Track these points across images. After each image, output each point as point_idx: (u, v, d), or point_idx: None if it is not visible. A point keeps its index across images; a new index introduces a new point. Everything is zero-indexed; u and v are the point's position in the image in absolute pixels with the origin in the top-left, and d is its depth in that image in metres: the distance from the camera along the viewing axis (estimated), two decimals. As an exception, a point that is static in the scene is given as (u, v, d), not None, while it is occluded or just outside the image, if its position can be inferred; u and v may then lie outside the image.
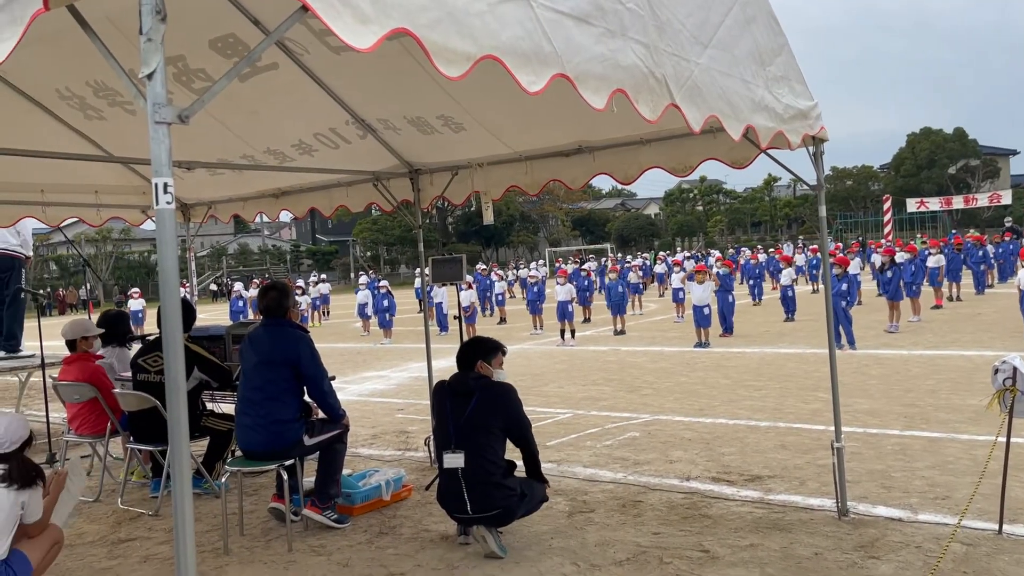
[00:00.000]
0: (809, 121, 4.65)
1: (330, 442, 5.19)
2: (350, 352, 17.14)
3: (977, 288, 21.11)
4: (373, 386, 11.96)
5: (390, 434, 8.24)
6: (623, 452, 6.86)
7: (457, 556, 4.57)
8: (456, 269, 6.30)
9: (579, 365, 12.78)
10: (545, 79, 2.78)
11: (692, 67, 3.62)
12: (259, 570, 4.53)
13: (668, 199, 70.97)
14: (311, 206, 7.27)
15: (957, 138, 54.99)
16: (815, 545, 4.42)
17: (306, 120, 5.69)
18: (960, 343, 12.39)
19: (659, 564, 4.29)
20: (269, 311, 5.17)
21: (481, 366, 4.66)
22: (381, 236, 61.89)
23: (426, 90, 4.90)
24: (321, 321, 26.93)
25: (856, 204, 58.04)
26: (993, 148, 60.73)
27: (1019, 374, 4.43)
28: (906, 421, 7.41)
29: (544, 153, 5.88)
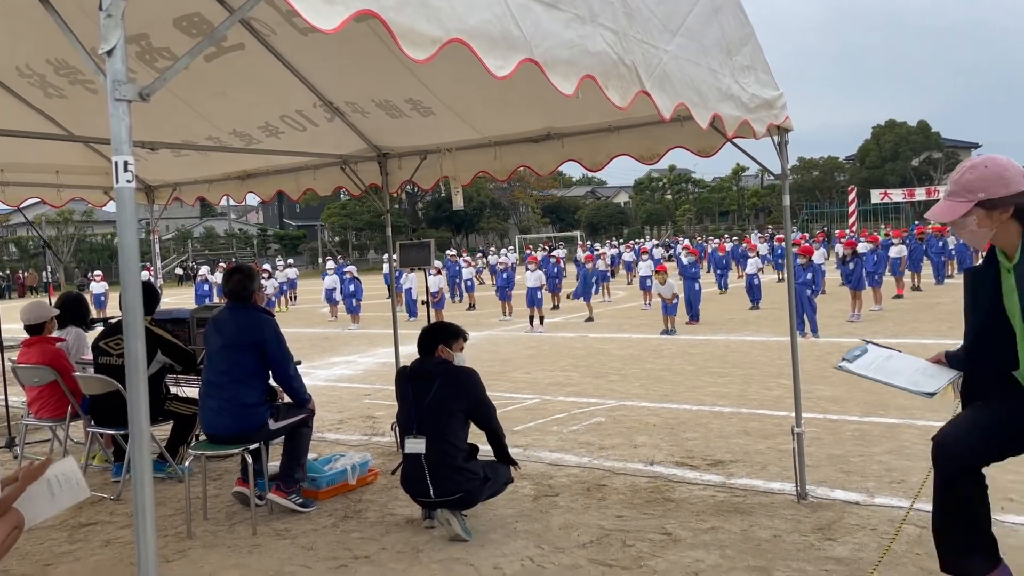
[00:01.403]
0: (774, 111, 4.70)
1: (295, 426, 5.17)
2: (317, 337, 17.04)
3: (937, 278, 21.54)
4: (340, 371, 11.91)
5: (357, 419, 8.23)
6: (589, 437, 6.92)
7: (422, 539, 4.59)
8: (424, 254, 6.29)
9: (547, 351, 12.84)
10: (513, 64, 2.78)
11: (661, 54, 3.64)
12: (223, 554, 4.52)
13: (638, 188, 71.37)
14: (278, 189, 7.21)
15: (921, 131, 55.89)
16: (774, 528, 4.51)
17: (273, 102, 5.63)
18: (919, 332, 12.65)
19: (622, 546, 4.35)
20: (234, 294, 5.13)
21: (442, 350, 4.67)
22: (350, 221, 61.46)
23: (395, 73, 4.87)
24: (288, 306, 26.72)
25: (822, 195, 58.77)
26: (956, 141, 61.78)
27: (973, 361, 4.53)
28: (865, 407, 7.56)
29: (513, 139, 5.88)
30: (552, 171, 6.10)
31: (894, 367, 3.53)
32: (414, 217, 62.86)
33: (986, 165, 2.88)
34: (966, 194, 2.88)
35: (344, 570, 4.22)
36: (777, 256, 27.42)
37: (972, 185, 2.87)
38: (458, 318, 18.07)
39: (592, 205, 72.79)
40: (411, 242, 6.52)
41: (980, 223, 2.89)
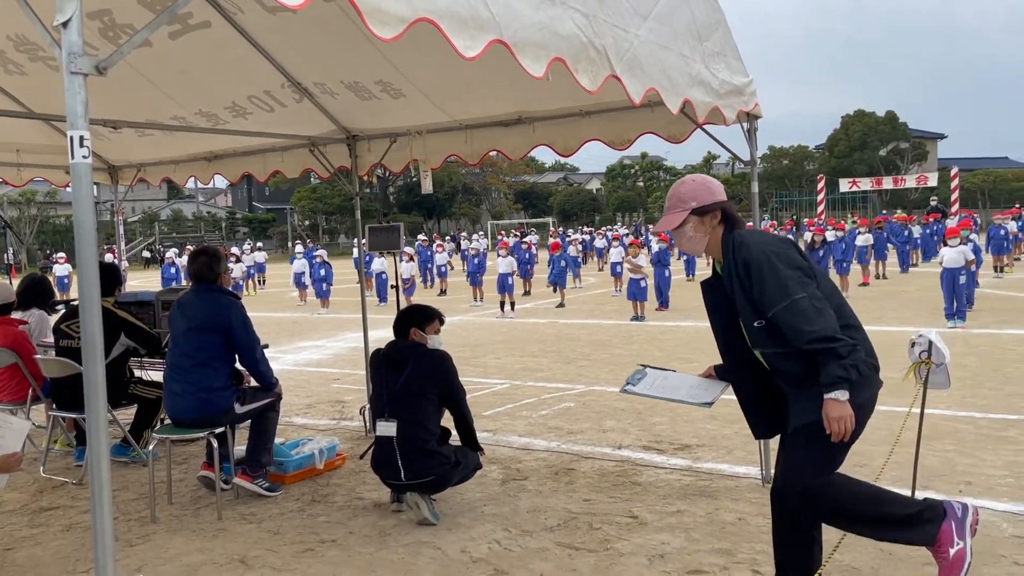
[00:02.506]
0: (744, 97, 4.72)
1: (262, 410, 5.13)
2: (286, 321, 16.91)
3: (902, 267, 21.86)
4: (309, 356, 11.83)
5: (325, 403, 8.18)
6: (558, 422, 6.95)
7: (390, 523, 4.58)
8: (394, 238, 6.24)
9: (518, 337, 12.85)
10: (482, 44, 2.76)
11: (632, 39, 3.64)
12: (187, 538, 4.48)
13: (610, 174, 71.51)
14: (245, 171, 7.11)
15: (889, 121, 56.51)
16: (739, 511, 4.57)
17: (240, 82, 5.54)
18: (884, 319, 12.84)
19: (589, 529, 4.38)
20: (200, 276, 5.06)
21: (415, 333, 4.65)
22: (320, 205, 60.91)
23: (364, 54, 4.82)
24: (256, 290, 26.45)
25: (792, 183, 59.31)
26: (922, 132, 62.60)
27: (934, 347, 4.61)
28: (830, 393, 7.65)
29: (484, 122, 5.85)
30: (523, 155, 6.08)
31: (672, 385, 3.81)
32: (385, 201, 62.42)
33: (694, 179, 3.33)
34: (681, 204, 3.25)
35: (311, 554, 4.20)
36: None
37: (685, 196, 3.26)
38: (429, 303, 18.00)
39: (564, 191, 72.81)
40: (380, 226, 6.47)
41: (695, 229, 3.26)
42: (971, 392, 7.35)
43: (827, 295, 3.10)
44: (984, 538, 4.05)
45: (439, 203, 62.28)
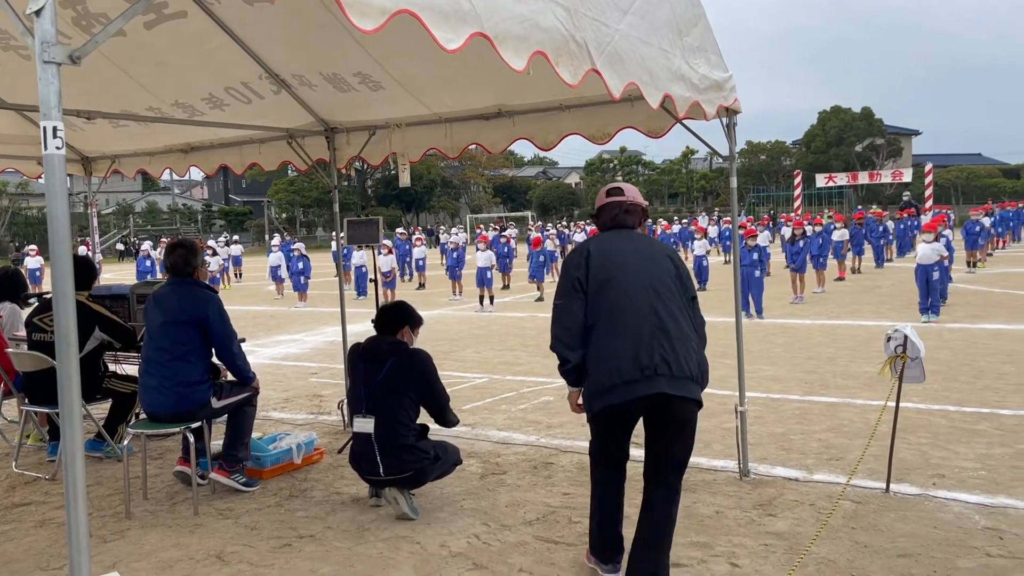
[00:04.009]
0: (724, 92, 4.73)
1: (239, 405, 5.09)
2: (263, 315, 16.78)
3: (877, 262, 22.09)
4: (286, 350, 11.75)
5: (303, 398, 8.13)
6: (537, 416, 6.96)
7: (368, 518, 4.56)
8: (372, 232, 6.21)
9: (497, 331, 12.85)
10: (464, 37, 2.74)
11: (612, 33, 3.63)
12: (163, 534, 4.43)
13: (589, 169, 71.51)
14: (222, 163, 7.03)
15: (864, 117, 56.99)
16: (716, 504, 4.60)
17: (217, 73, 5.47)
18: (859, 314, 12.97)
19: (568, 523, 4.39)
20: (176, 269, 5.00)
21: (406, 332, 4.65)
22: (297, 198, 60.41)
23: (343, 46, 4.77)
24: (232, 283, 26.22)
25: (769, 178, 59.70)
26: (897, 128, 63.21)
27: (909, 342, 4.67)
28: (807, 387, 7.73)
29: (464, 116, 5.82)
30: (503, 149, 6.06)
31: None
32: (363, 194, 62.06)
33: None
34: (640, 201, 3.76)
35: (288, 549, 4.17)
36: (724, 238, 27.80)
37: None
38: (407, 297, 17.97)
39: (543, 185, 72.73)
40: (359, 219, 6.43)
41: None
42: (944, 386, 7.44)
43: (594, 311, 3.43)
44: (957, 530, 4.12)
45: (418, 197, 62.03)
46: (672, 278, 3.48)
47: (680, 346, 3.34)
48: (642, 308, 3.36)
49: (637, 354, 3.29)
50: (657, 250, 3.60)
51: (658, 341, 3.30)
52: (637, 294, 3.38)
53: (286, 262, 20.39)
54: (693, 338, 3.45)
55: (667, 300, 3.40)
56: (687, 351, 3.36)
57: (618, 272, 3.44)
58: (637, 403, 3.34)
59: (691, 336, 3.44)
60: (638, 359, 3.28)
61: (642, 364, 3.28)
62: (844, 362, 8.92)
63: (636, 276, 3.43)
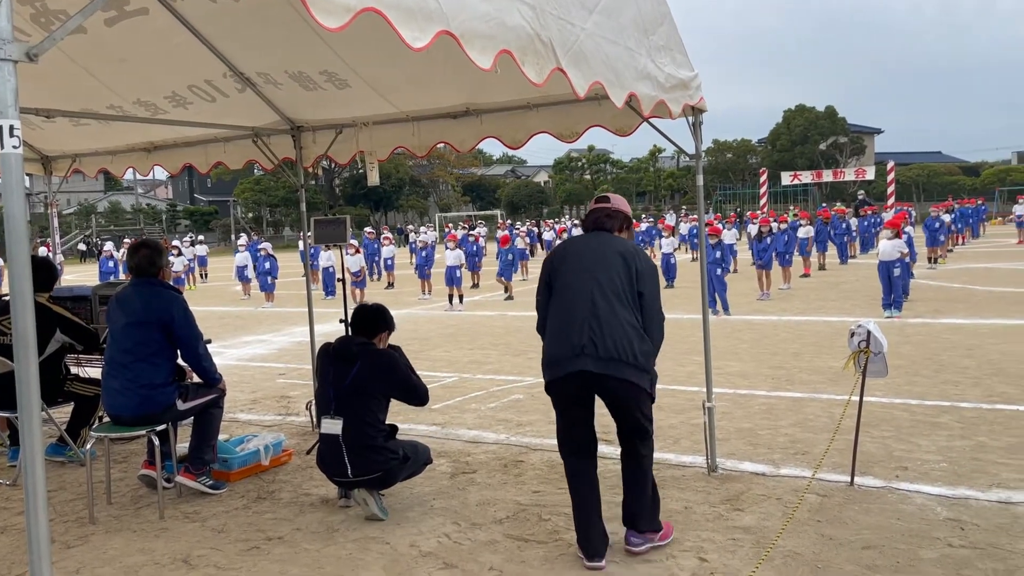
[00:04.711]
0: (689, 91, 4.77)
1: (205, 406, 5.03)
2: (230, 316, 16.60)
3: (841, 258, 22.41)
4: (253, 350, 11.63)
5: (270, 399, 8.06)
6: (507, 414, 6.96)
7: (337, 519, 4.54)
8: (340, 231, 6.16)
9: (466, 330, 12.83)
10: (430, 35, 2.73)
11: (578, 32, 3.64)
12: (128, 538, 4.37)
13: (557, 167, 71.67)
14: (186, 162, 6.94)
15: (828, 116, 57.73)
16: (685, 500, 4.64)
17: (180, 71, 5.39)
18: (824, 310, 13.16)
19: (538, 521, 4.40)
20: (140, 270, 4.93)
21: (382, 338, 4.64)
22: (264, 197, 59.79)
23: (309, 44, 4.73)
24: (197, 284, 25.89)
25: (735, 176, 60.28)
26: (860, 127, 64.15)
27: (872, 337, 4.75)
28: (773, 382, 7.83)
29: (431, 114, 5.81)
30: (472, 148, 6.06)
31: None
32: (331, 194, 61.62)
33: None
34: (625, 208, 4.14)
35: (256, 552, 4.14)
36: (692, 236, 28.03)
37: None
38: (376, 296, 17.88)
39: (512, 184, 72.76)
40: (327, 218, 6.38)
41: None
42: (907, 380, 7.58)
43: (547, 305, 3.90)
44: (920, 522, 4.19)
45: (386, 195, 61.73)
46: (619, 273, 3.77)
47: (611, 331, 3.66)
48: (582, 296, 3.74)
49: (570, 335, 3.70)
50: (612, 249, 3.86)
51: (588, 324, 3.67)
52: (581, 285, 3.77)
53: (253, 262, 20.20)
54: (632, 327, 3.72)
55: (607, 290, 3.73)
56: (619, 336, 3.66)
57: (573, 266, 3.86)
58: (568, 379, 3.72)
59: (629, 324, 3.72)
60: (570, 339, 3.69)
61: (572, 344, 3.68)
62: (809, 357, 9.05)
63: (585, 269, 3.81)
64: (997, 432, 5.78)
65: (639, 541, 3.95)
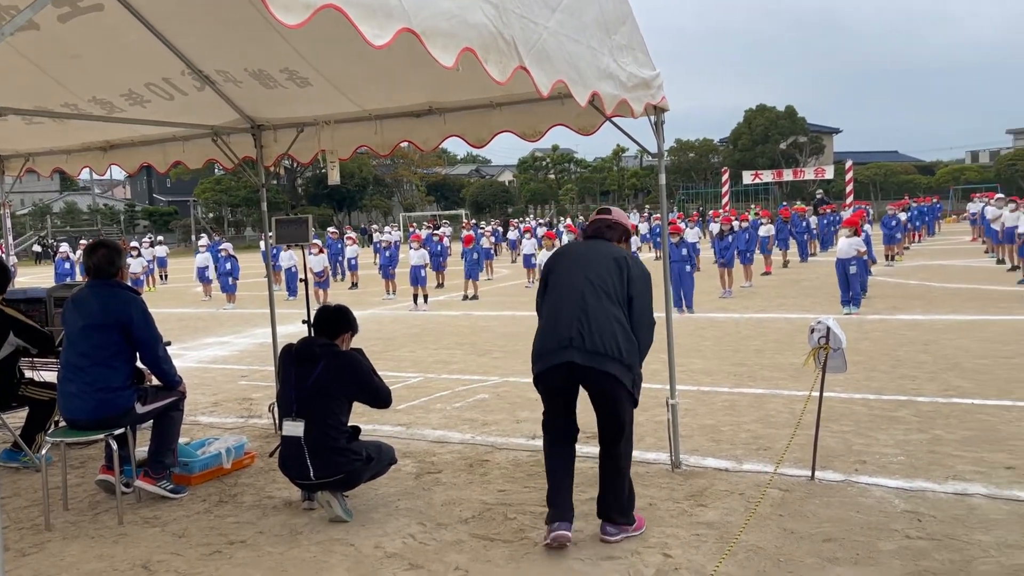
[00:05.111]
0: (651, 91, 4.80)
1: (165, 409, 4.94)
2: (190, 317, 16.36)
3: (801, 256, 22.75)
4: (215, 352, 11.47)
5: (232, 401, 7.96)
6: (472, 414, 6.95)
7: (301, 522, 4.49)
8: (302, 231, 6.09)
9: (431, 329, 12.79)
10: (391, 33, 2.71)
11: (541, 30, 3.64)
12: (85, 545, 4.28)
13: (522, 166, 71.73)
14: (144, 161, 6.81)
15: (788, 116, 58.53)
16: (650, 496, 4.67)
17: (137, 68, 5.29)
18: (785, 307, 13.34)
19: (503, 520, 4.40)
20: (98, 271, 4.82)
21: (345, 339, 4.60)
22: (225, 197, 58.97)
23: (268, 41, 4.66)
24: (156, 285, 25.46)
25: (698, 176, 60.87)
26: (819, 126, 65.14)
27: (832, 333, 4.82)
28: (736, 379, 7.92)
29: (394, 113, 5.77)
30: (435, 147, 6.03)
31: None
32: (293, 193, 60.98)
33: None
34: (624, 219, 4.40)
35: (218, 556, 4.08)
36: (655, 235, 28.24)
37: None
38: (340, 296, 17.74)
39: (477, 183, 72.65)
40: (288, 218, 6.30)
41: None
42: (865, 375, 7.71)
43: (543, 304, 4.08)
44: (879, 514, 4.27)
45: (350, 195, 61.28)
46: (611, 274, 3.93)
47: (598, 326, 3.80)
48: (573, 294, 3.89)
49: (558, 329, 3.85)
50: (606, 253, 4.06)
51: (577, 319, 3.81)
52: (573, 283, 3.93)
53: (214, 263, 19.91)
54: (620, 324, 3.86)
55: (598, 289, 3.88)
56: (606, 331, 3.80)
57: (568, 266, 4.05)
58: (555, 370, 3.87)
59: (616, 321, 3.85)
60: (558, 333, 3.85)
61: (560, 337, 3.83)
62: (771, 354, 9.17)
63: (579, 270, 3.98)
64: (952, 425, 5.91)
65: (614, 531, 4.03)
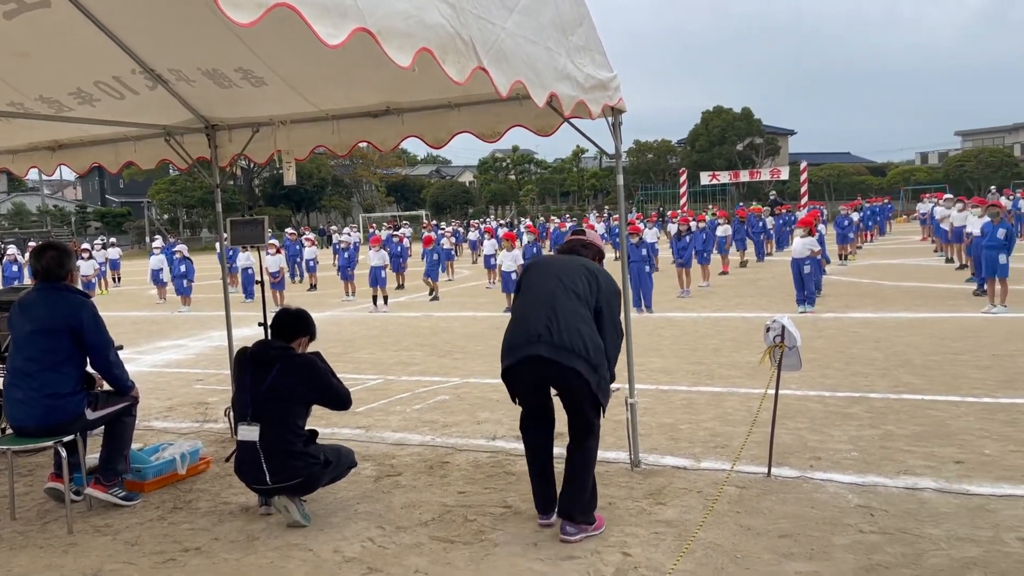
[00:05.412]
0: (609, 92, 4.83)
1: (117, 415, 4.83)
2: (144, 321, 16.04)
3: (758, 256, 23.07)
4: (169, 356, 11.27)
5: (187, 406, 7.82)
6: (432, 415, 6.92)
7: (258, 527, 4.43)
8: (257, 232, 6.01)
9: (391, 331, 12.71)
10: (346, 32, 2.68)
11: (498, 31, 3.64)
12: (33, 555, 4.16)
13: (482, 167, 71.67)
14: (94, 162, 6.66)
15: (745, 117, 59.32)
16: (609, 496, 4.69)
17: (86, 66, 5.17)
18: (742, 306, 13.52)
19: (464, 522, 4.38)
20: (48, 273, 4.70)
21: (302, 343, 4.54)
22: (180, 198, 57.93)
23: (222, 40, 4.59)
24: (108, 288, 24.93)
25: (656, 176, 61.37)
26: (775, 128, 66.15)
27: (787, 332, 4.90)
28: (694, 378, 8.00)
29: (352, 113, 5.73)
30: (393, 147, 6.00)
31: None
32: (251, 194, 60.14)
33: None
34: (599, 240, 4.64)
35: (172, 564, 4.00)
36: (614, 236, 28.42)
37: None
38: (298, 298, 17.54)
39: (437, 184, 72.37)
40: (243, 219, 6.21)
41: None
42: (820, 373, 7.85)
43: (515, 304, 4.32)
44: (833, 509, 4.34)
45: (308, 196, 60.64)
46: (582, 280, 4.11)
47: (567, 323, 3.93)
48: (545, 294, 4.07)
49: (528, 325, 4.01)
50: (579, 263, 4.26)
51: (547, 316, 3.96)
52: (545, 285, 4.11)
53: (168, 265, 19.56)
54: (588, 324, 3.99)
55: (569, 291, 4.05)
56: (574, 329, 3.92)
57: (541, 272, 4.24)
58: (522, 363, 4.01)
59: (584, 321, 3.99)
60: (528, 329, 4.00)
61: (529, 332, 3.98)
62: (728, 352, 9.28)
63: (552, 274, 4.16)
64: (903, 421, 6.04)
65: (574, 531, 4.04)
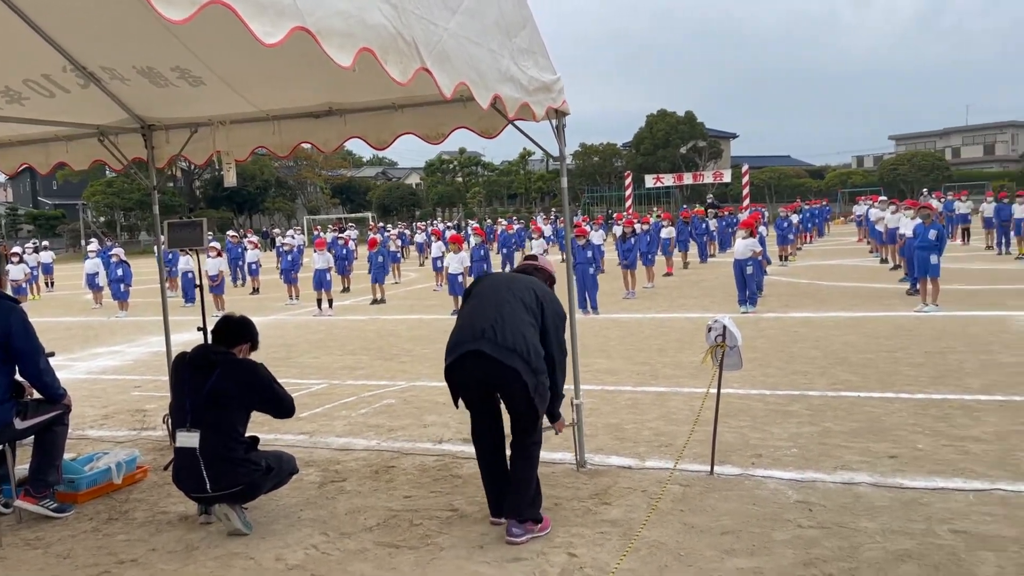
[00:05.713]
0: (552, 94, 4.84)
1: (47, 424, 4.67)
2: (79, 326, 15.57)
3: (701, 257, 23.45)
4: (105, 362, 10.95)
5: (124, 413, 7.60)
6: (378, 420, 6.86)
7: (197, 536, 4.33)
8: (196, 234, 5.87)
9: (336, 335, 12.56)
10: (283, 31, 2.64)
11: (441, 32, 3.62)
12: (-41, 572, 4.00)
13: (429, 169, 71.38)
14: (24, 162, 6.44)
15: (688, 121, 60.20)
16: (555, 496, 4.70)
17: (13, 64, 4.97)
18: (686, 307, 13.71)
19: (409, 526, 4.35)
20: (-29, 279, 4.53)
21: (243, 350, 4.46)
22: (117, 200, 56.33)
23: (157, 38, 4.48)
24: (40, 293, 24.12)
25: (602, 179, 61.88)
26: (717, 131, 67.29)
27: (728, 332, 4.97)
28: (639, 378, 8.08)
29: (293, 113, 5.64)
30: (336, 148, 5.93)
31: None
32: (191, 196, 58.84)
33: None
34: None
35: (107, 577, 3.88)
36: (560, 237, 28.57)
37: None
38: (241, 302, 17.22)
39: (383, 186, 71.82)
40: (181, 221, 6.06)
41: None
42: (761, 372, 8.00)
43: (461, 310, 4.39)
44: (773, 506, 4.42)
45: (251, 197, 59.60)
46: (530, 295, 4.22)
47: (512, 327, 4.01)
48: (493, 298, 4.18)
49: (473, 324, 4.09)
50: (529, 282, 4.36)
51: (493, 317, 4.05)
52: (493, 293, 4.22)
53: (104, 269, 19.02)
54: (533, 331, 4.09)
55: (517, 299, 4.15)
56: (518, 333, 4.00)
57: (490, 285, 4.36)
58: (465, 359, 4.04)
59: (530, 327, 4.08)
60: (473, 327, 4.08)
61: (474, 330, 4.06)
62: (672, 352, 9.40)
63: (501, 286, 4.29)
64: (841, 418, 6.19)
65: (520, 532, 4.04)
